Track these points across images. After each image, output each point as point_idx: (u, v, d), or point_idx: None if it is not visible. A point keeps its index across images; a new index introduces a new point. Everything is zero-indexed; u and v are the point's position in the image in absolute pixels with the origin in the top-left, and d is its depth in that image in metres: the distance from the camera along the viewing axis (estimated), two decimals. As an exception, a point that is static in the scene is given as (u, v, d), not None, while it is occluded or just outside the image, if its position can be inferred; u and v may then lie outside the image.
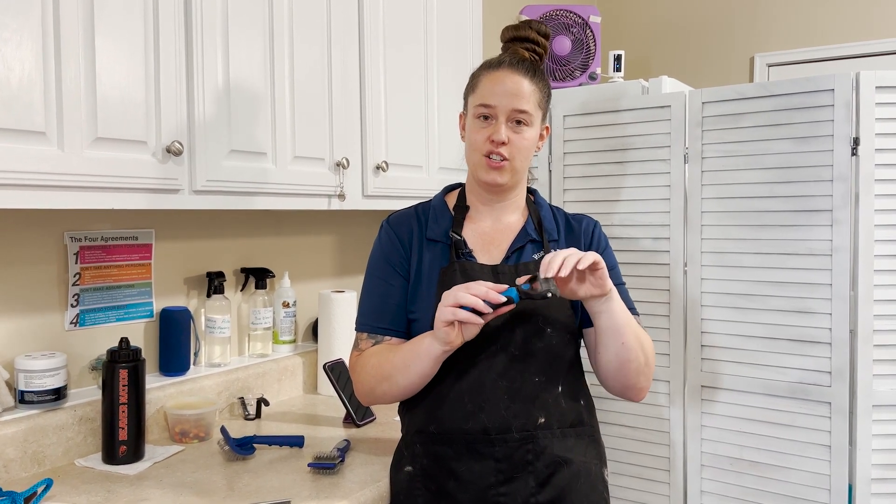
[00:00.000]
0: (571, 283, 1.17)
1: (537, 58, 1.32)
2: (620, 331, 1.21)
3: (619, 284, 1.33)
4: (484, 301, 1.11)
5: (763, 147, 1.83)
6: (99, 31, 1.24)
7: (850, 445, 1.74)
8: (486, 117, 1.27)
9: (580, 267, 1.12)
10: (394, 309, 1.30)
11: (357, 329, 1.34)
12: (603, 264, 1.15)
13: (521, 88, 1.25)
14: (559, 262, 1.11)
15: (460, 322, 1.13)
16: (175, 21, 1.37)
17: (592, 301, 1.19)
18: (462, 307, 1.12)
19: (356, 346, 1.33)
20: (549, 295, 1.13)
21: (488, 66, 1.30)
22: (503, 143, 1.25)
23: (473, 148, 1.29)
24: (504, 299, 1.12)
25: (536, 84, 1.27)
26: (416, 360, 1.21)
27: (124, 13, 1.28)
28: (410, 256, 1.32)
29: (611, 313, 1.21)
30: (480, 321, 1.13)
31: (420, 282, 1.30)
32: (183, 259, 1.78)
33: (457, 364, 1.24)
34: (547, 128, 1.35)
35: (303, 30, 1.65)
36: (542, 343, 1.25)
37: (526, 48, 1.31)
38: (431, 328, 1.23)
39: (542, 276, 1.13)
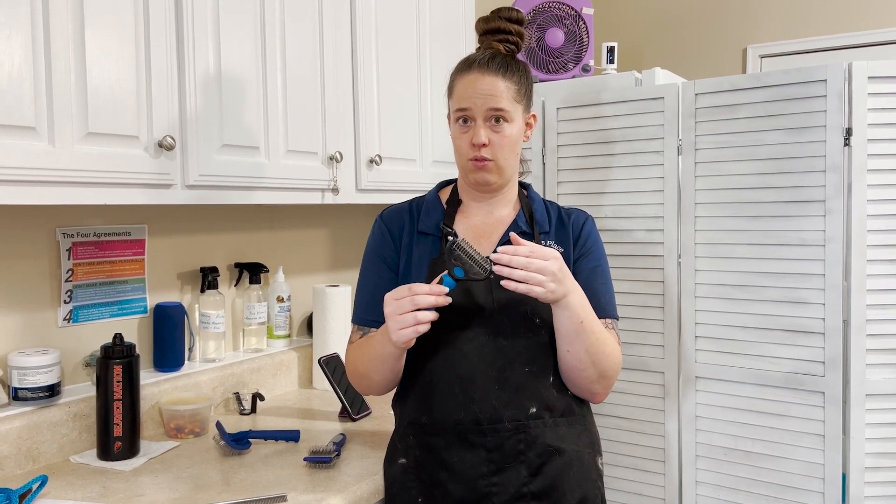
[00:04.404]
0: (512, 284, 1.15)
1: (512, 47, 1.30)
2: (568, 339, 1.21)
3: (603, 284, 1.32)
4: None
5: (756, 138, 1.83)
6: (89, 23, 1.23)
7: (843, 435, 1.75)
8: (465, 120, 1.26)
9: (521, 290, 1.12)
10: (381, 302, 1.31)
11: (352, 321, 1.36)
12: (550, 296, 1.14)
13: (494, 88, 1.23)
14: (516, 263, 1.12)
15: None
16: (166, 14, 1.36)
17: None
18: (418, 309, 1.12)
19: (349, 338, 1.36)
20: (489, 276, 1.14)
21: (460, 68, 1.29)
22: (484, 145, 1.24)
23: (459, 153, 1.29)
24: (447, 293, 1.13)
25: (510, 79, 1.25)
26: (380, 360, 1.23)
27: (114, 5, 1.27)
28: (400, 250, 1.33)
29: (559, 320, 1.21)
30: (433, 318, 1.14)
31: (410, 274, 1.31)
32: (176, 254, 1.78)
33: (447, 355, 1.25)
34: (534, 115, 1.34)
35: (294, 23, 1.64)
36: (531, 333, 1.26)
37: (499, 40, 1.30)
38: None
39: (484, 260, 1.14)
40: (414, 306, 1.12)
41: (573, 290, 1.19)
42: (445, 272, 1.15)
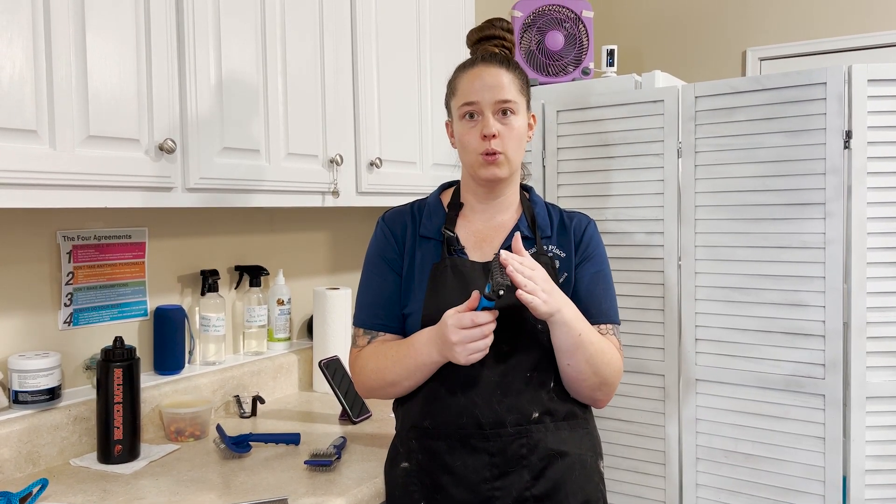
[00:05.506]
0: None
1: (507, 51, 1.34)
2: (568, 353, 1.22)
3: (605, 289, 1.33)
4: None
5: (756, 140, 1.83)
6: (90, 27, 1.23)
7: (844, 437, 1.75)
8: (471, 115, 1.27)
9: (521, 297, 1.14)
10: (388, 305, 1.31)
11: (354, 324, 1.35)
12: (544, 307, 1.15)
13: (499, 79, 1.26)
14: (522, 270, 1.14)
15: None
16: (167, 17, 1.36)
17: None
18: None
19: (354, 342, 1.35)
20: (508, 284, 1.16)
21: (462, 67, 1.31)
22: (494, 136, 1.25)
23: (467, 150, 1.29)
24: (496, 313, 1.17)
25: (513, 73, 1.29)
26: (421, 370, 1.23)
27: (115, 9, 1.27)
28: (404, 253, 1.33)
29: (557, 336, 1.21)
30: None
31: (413, 278, 1.30)
32: (177, 257, 1.78)
33: None
34: (534, 116, 1.36)
35: (295, 26, 1.64)
36: (533, 339, 1.26)
37: (495, 45, 1.33)
38: (424, 325, 1.24)
39: (496, 269, 1.15)
40: (483, 335, 1.15)
41: (565, 303, 1.20)
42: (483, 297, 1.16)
